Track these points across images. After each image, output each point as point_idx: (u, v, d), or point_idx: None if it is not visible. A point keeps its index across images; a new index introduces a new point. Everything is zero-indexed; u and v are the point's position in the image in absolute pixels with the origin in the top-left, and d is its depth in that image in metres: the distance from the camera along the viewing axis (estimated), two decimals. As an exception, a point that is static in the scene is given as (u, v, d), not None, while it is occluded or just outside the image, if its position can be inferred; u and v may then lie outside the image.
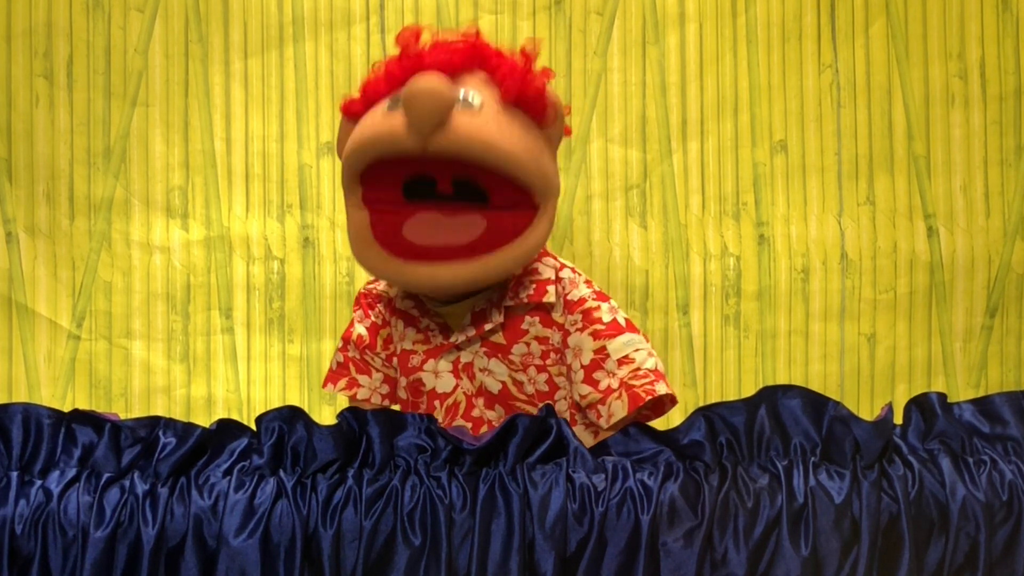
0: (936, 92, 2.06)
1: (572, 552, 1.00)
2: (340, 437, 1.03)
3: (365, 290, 1.51)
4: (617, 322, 1.36)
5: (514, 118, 1.30)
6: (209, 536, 0.99)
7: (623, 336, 1.34)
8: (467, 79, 1.30)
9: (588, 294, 1.38)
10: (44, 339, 2.03)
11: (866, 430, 1.03)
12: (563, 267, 1.42)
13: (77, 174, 2.02)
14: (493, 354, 1.37)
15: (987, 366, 2.08)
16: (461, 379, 1.39)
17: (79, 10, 2.02)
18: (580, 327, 1.35)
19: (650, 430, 1.07)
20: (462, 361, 1.39)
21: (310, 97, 2.05)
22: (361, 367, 1.47)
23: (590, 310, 1.36)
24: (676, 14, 2.05)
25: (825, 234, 2.07)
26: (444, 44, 1.33)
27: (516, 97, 1.30)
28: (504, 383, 1.38)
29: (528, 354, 1.37)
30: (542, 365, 1.37)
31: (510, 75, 1.30)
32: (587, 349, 1.34)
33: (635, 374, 1.31)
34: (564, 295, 1.38)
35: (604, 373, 1.33)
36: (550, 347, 1.37)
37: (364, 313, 1.49)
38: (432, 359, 1.40)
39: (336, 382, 1.47)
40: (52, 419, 1.04)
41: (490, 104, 1.28)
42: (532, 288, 1.37)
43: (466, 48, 1.32)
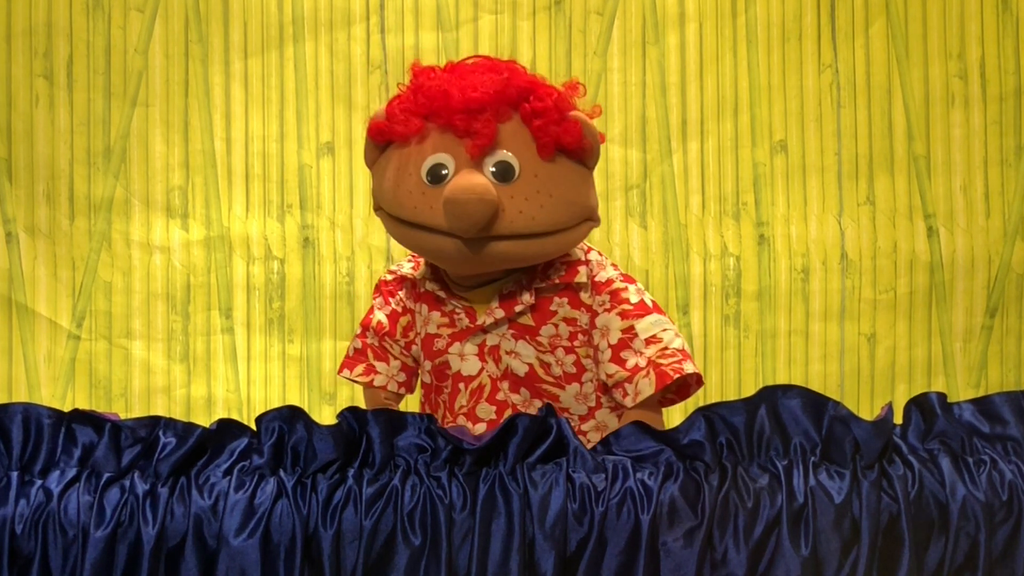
0: (936, 92, 2.07)
1: (572, 552, 1.00)
2: (340, 437, 1.03)
3: (385, 278, 1.52)
4: (644, 303, 1.37)
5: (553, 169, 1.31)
6: (209, 536, 0.99)
7: (651, 316, 1.36)
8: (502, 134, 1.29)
9: (615, 276, 1.40)
10: (44, 339, 2.03)
11: (866, 430, 1.03)
12: (590, 250, 1.43)
13: (77, 174, 2.03)
14: (521, 336, 1.37)
15: (987, 366, 2.08)
16: (487, 362, 1.39)
17: (79, 10, 2.03)
18: (608, 307, 1.37)
19: (650, 430, 1.07)
20: (488, 344, 1.39)
21: (310, 97, 2.05)
22: (379, 354, 1.47)
23: (618, 291, 1.38)
24: (676, 14, 2.05)
25: (825, 234, 2.07)
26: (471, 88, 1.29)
27: (553, 149, 1.30)
28: (531, 365, 1.38)
29: (556, 335, 1.38)
30: (570, 346, 1.38)
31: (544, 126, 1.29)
32: (615, 329, 1.35)
33: (663, 353, 1.32)
34: (592, 276, 1.39)
35: (632, 352, 1.34)
36: (578, 328, 1.38)
37: (384, 300, 1.49)
38: (458, 342, 1.40)
39: (353, 368, 1.47)
40: (52, 419, 1.04)
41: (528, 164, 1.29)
42: (563, 269, 1.38)
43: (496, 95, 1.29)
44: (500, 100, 1.29)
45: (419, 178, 1.30)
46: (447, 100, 1.29)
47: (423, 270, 1.44)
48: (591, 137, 1.33)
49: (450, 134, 1.29)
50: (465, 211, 1.24)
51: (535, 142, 1.30)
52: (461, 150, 1.28)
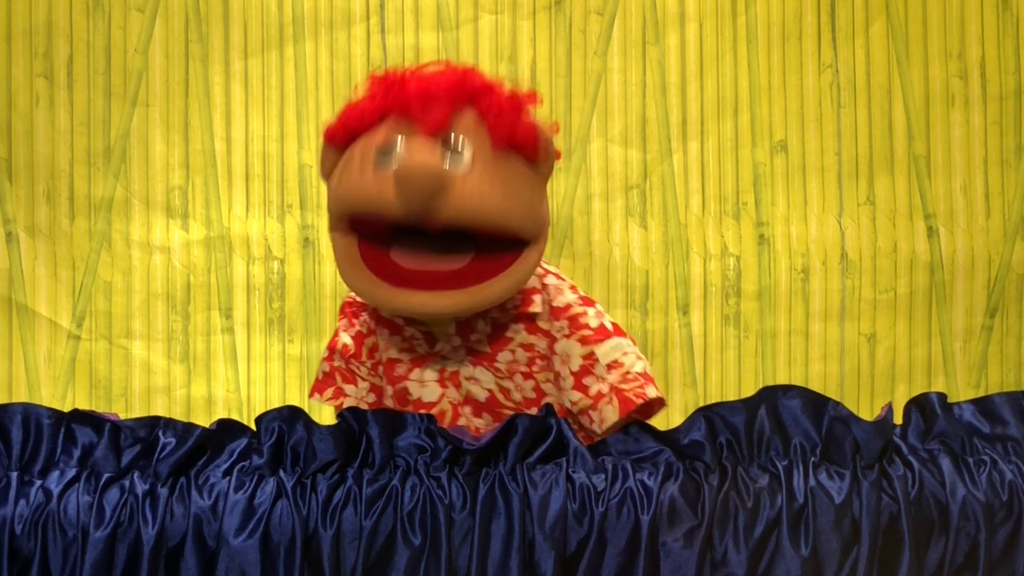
0: (936, 92, 2.06)
1: (572, 552, 1.00)
2: (340, 437, 1.03)
3: (350, 299, 1.51)
4: (604, 327, 1.35)
5: (505, 166, 1.28)
6: (209, 536, 0.99)
7: (611, 340, 1.34)
8: (457, 121, 1.27)
9: (574, 300, 1.37)
10: (44, 339, 2.03)
11: (866, 430, 1.02)
12: (547, 273, 1.41)
13: (77, 174, 2.02)
14: (479, 362, 1.37)
15: (987, 366, 2.08)
16: (447, 388, 1.38)
17: (79, 10, 2.03)
18: (567, 333, 1.35)
19: (650, 430, 1.07)
20: (448, 370, 1.38)
21: (310, 97, 2.05)
22: (347, 376, 1.46)
23: (576, 316, 1.35)
24: (676, 14, 2.05)
25: (825, 234, 2.07)
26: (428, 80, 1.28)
27: (507, 143, 1.28)
28: (491, 391, 1.37)
29: (514, 361, 1.36)
30: (528, 372, 1.37)
31: (499, 120, 1.27)
32: (575, 355, 1.34)
33: (625, 378, 1.30)
34: (549, 302, 1.37)
35: (594, 378, 1.32)
36: (536, 353, 1.37)
37: (349, 322, 1.48)
38: (417, 368, 1.39)
39: (323, 391, 1.47)
40: (52, 419, 1.04)
41: (480, 154, 1.26)
42: (519, 299, 1.36)
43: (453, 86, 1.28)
44: (457, 91, 1.28)
45: (370, 166, 1.26)
46: (403, 91, 1.28)
47: None
48: (545, 141, 1.31)
49: (404, 122, 1.27)
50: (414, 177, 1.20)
51: (489, 135, 1.27)
52: (415, 133, 1.25)
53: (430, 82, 1.28)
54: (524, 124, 1.29)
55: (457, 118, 1.27)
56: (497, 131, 1.28)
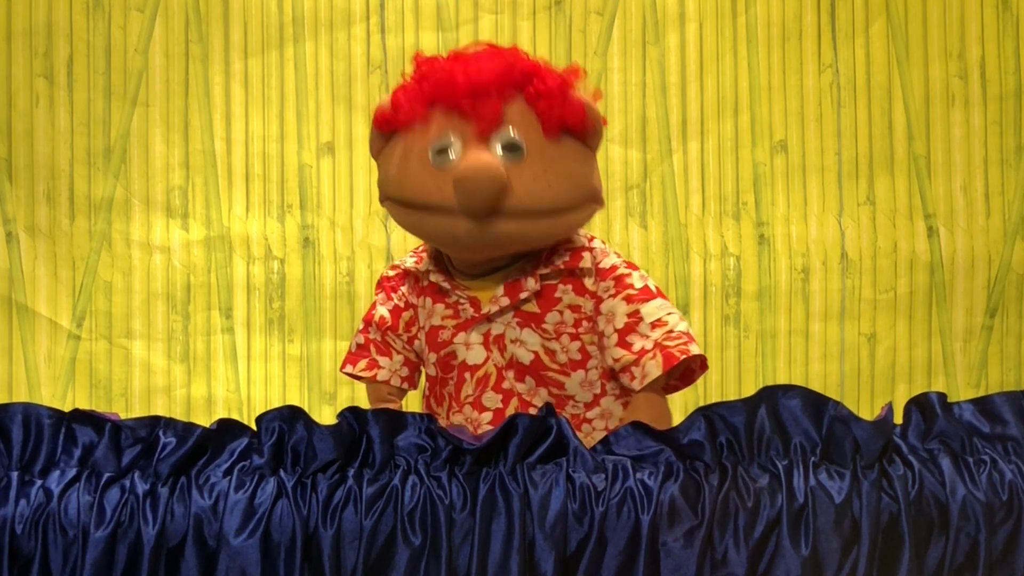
0: (936, 92, 2.07)
1: (572, 552, 1.00)
2: (340, 437, 1.03)
3: (387, 274, 1.52)
4: (648, 288, 1.39)
5: (559, 148, 1.32)
6: (209, 536, 0.99)
7: (655, 300, 1.37)
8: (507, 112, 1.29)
9: (619, 262, 1.41)
10: (44, 339, 2.03)
11: (866, 430, 1.02)
12: (593, 238, 1.44)
13: (77, 174, 2.03)
14: (526, 324, 1.38)
15: (987, 366, 2.08)
16: (492, 351, 1.39)
17: (79, 10, 2.03)
18: (613, 293, 1.37)
19: (650, 430, 1.07)
20: (493, 333, 1.39)
21: (310, 97, 2.05)
22: (382, 349, 1.47)
23: (622, 276, 1.39)
24: (676, 14, 2.05)
25: (825, 234, 2.07)
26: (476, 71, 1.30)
27: (559, 127, 1.31)
28: (536, 353, 1.38)
29: (561, 322, 1.38)
30: (575, 333, 1.38)
31: (549, 106, 1.30)
32: (620, 313, 1.36)
33: (668, 335, 1.33)
34: (596, 263, 1.39)
35: (638, 336, 1.34)
36: (582, 315, 1.39)
37: (387, 295, 1.49)
38: (463, 332, 1.40)
39: (356, 363, 1.47)
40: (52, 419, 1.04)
41: (534, 143, 1.30)
42: (567, 255, 1.38)
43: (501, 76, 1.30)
44: (505, 82, 1.30)
45: (426, 160, 1.29)
46: (452, 83, 1.29)
47: (426, 263, 1.44)
48: (594, 117, 1.35)
49: (456, 116, 1.29)
50: (476, 188, 1.24)
51: (540, 122, 1.30)
52: (468, 130, 1.28)
53: (478, 73, 1.30)
54: (572, 105, 1.32)
55: (507, 109, 1.30)
56: (548, 117, 1.31)
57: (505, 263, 1.38)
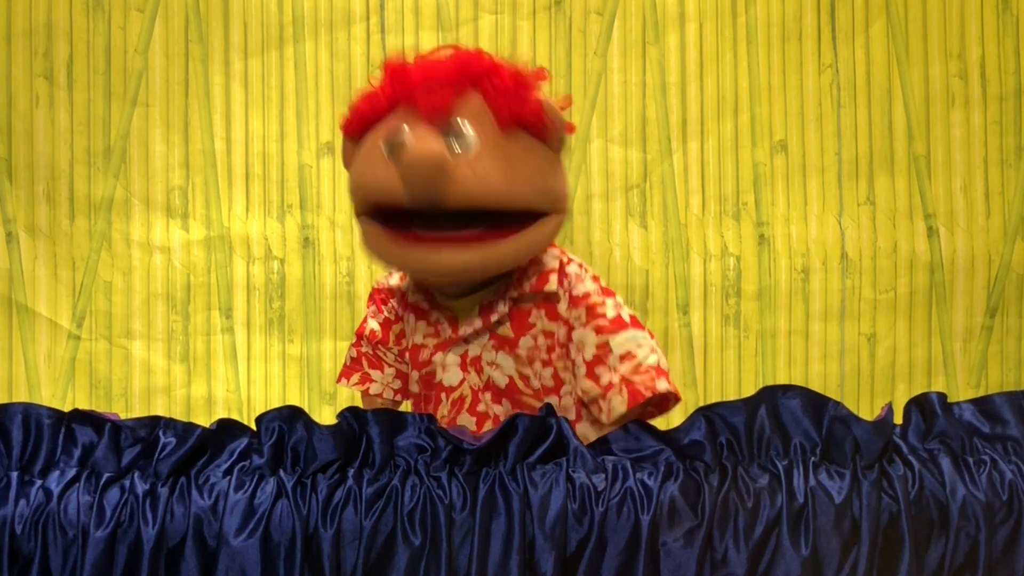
0: (936, 92, 2.07)
1: (572, 552, 1.00)
2: (340, 437, 1.03)
3: (378, 286, 1.52)
4: (621, 318, 1.36)
5: (513, 144, 1.30)
6: (209, 536, 0.99)
7: (626, 332, 1.34)
8: (460, 107, 1.29)
9: (593, 289, 1.39)
10: (44, 339, 2.03)
11: (866, 430, 1.02)
12: (570, 261, 1.42)
13: (77, 174, 2.03)
14: (500, 347, 1.37)
15: (987, 366, 2.08)
16: (468, 373, 1.39)
17: (79, 10, 2.03)
18: (584, 322, 1.36)
19: (650, 429, 1.07)
20: (470, 355, 1.39)
21: (310, 97, 2.05)
22: (374, 362, 1.48)
23: (594, 305, 1.37)
24: (676, 14, 2.05)
25: (825, 234, 2.07)
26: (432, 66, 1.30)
27: (513, 122, 1.30)
28: (511, 377, 1.38)
29: (535, 348, 1.37)
30: (548, 359, 1.38)
31: (503, 99, 1.29)
32: (590, 344, 1.34)
33: (636, 370, 1.31)
34: (569, 290, 1.38)
35: (606, 368, 1.33)
36: (555, 341, 1.38)
37: (377, 308, 1.49)
38: (441, 352, 1.40)
39: (349, 377, 1.48)
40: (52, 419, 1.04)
41: (486, 135, 1.28)
42: (535, 278, 1.38)
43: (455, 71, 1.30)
44: (459, 76, 1.29)
45: (380, 156, 1.28)
46: (408, 80, 1.29)
47: (408, 281, 1.44)
48: (552, 115, 1.33)
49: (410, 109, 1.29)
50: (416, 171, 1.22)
51: (494, 116, 1.29)
52: (419, 120, 1.27)
53: (433, 68, 1.30)
54: (529, 101, 1.31)
55: (461, 102, 1.29)
56: (502, 111, 1.29)
57: (480, 285, 1.37)
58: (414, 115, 1.28)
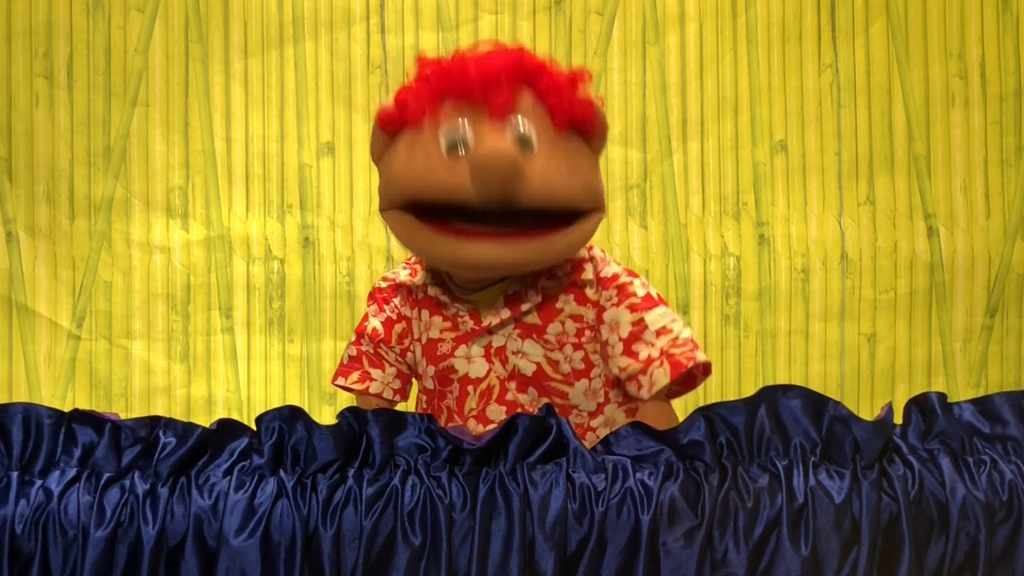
0: (936, 92, 2.07)
1: (572, 552, 1.00)
2: (340, 437, 1.03)
3: (379, 285, 1.51)
4: (651, 296, 1.38)
5: (566, 145, 1.31)
6: (209, 536, 0.99)
7: (659, 308, 1.36)
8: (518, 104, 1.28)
9: (620, 271, 1.40)
10: (44, 339, 2.03)
11: (866, 430, 1.02)
12: (592, 247, 1.43)
13: (77, 174, 2.03)
14: (527, 335, 1.37)
15: (987, 366, 2.08)
16: (494, 363, 1.39)
17: (79, 10, 2.03)
18: (616, 302, 1.37)
19: (650, 430, 1.07)
20: (494, 345, 1.38)
21: (310, 97, 2.05)
22: (374, 361, 1.47)
23: (624, 285, 1.38)
24: (676, 14, 2.05)
25: (825, 234, 2.07)
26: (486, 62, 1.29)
27: (568, 122, 1.30)
28: (539, 364, 1.38)
29: (563, 332, 1.38)
30: (578, 343, 1.38)
31: (559, 100, 1.29)
32: (625, 322, 1.35)
33: (674, 343, 1.33)
34: (597, 273, 1.39)
35: (643, 344, 1.34)
36: (585, 324, 1.38)
37: (379, 307, 1.48)
38: (463, 345, 1.39)
39: (348, 375, 1.47)
40: (52, 419, 1.04)
41: (543, 135, 1.28)
42: (569, 266, 1.38)
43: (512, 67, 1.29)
44: (516, 72, 1.29)
45: (437, 153, 1.26)
46: (464, 74, 1.27)
47: (422, 275, 1.43)
48: (601, 118, 1.35)
49: (467, 106, 1.27)
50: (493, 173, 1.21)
51: (550, 116, 1.29)
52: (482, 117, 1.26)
53: (490, 64, 1.29)
54: (581, 101, 1.32)
55: (518, 100, 1.28)
56: (557, 110, 1.29)
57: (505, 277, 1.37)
58: (473, 112, 1.27)
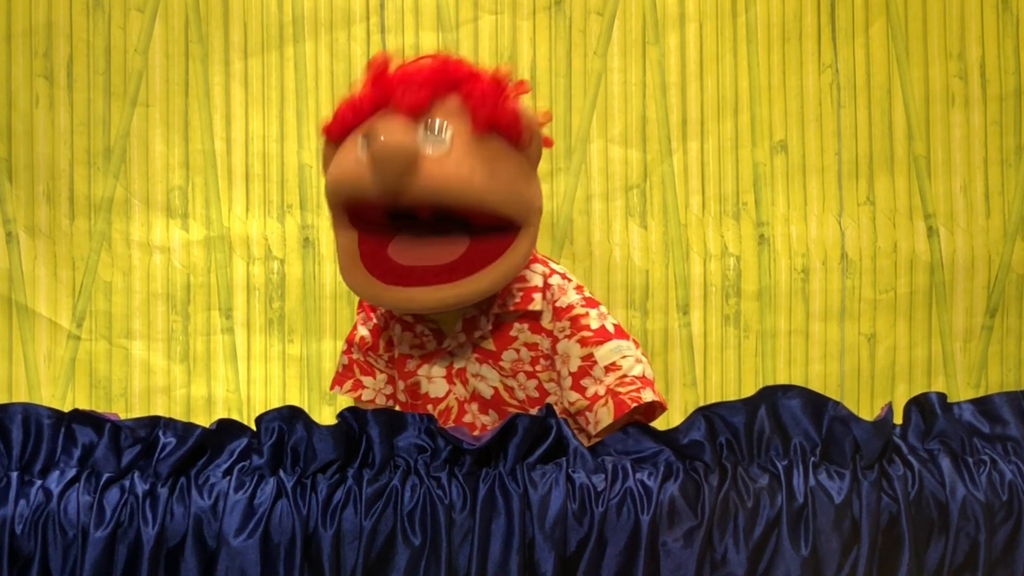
0: (936, 92, 2.06)
1: (572, 552, 1.00)
2: (340, 437, 1.03)
3: None
4: (605, 328, 1.36)
5: (487, 148, 1.30)
6: (209, 536, 0.99)
7: (611, 343, 1.34)
8: (438, 108, 1.30)
9: (577, 300, 1.38)
10: (44, 339, 2.03)
11: (866, 430, 1.02)
12: (552, 273, 1.41)
13: (77, 174, 2.02)
14: (484, 360, 1.38)
15: (987, 366, 2.08)
16: (454, 384, 1.39)
17: (79, 10, 2.03)
18: (568, 334, 1.35)
19: (650, 430, 1.07)
20: (455, 367, 1.39)
21: (310, 97, 2.05)
22: (365, 369, 1.48)
23: (578, 317, 1.36)
24: (676, 14, 2.05)
25: (825, 234, 2.07)
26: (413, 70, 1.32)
27: (488, 125, 1.30)
28: (496, 388, 1.38)
29: (518, 360, 1.37)
30: (532, 371, 1.38)
31: (481, 102, 1.30)
32: (575, 356, 1.34)
33: (622, 381, 1.31)
34: (553, 302, 1.38)
35: (591, 380, 1.33)
36: (540, 353, 1.37)
37: (367, 315, 1.50)
38: (426, 364, 1.40)
39: (342, 384, 1.49)
40: (52, 419, 1.04)
41: (461, 136, 1.28)
42: (519, 296, 1.37)
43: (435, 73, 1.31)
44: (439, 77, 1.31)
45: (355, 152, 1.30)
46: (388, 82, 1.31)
47: None
48: (528, 124, 1.34)
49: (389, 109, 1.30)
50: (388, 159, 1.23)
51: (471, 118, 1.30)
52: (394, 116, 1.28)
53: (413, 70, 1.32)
54: (506, 108, 1.32)
55: (439, 103, 1.30)
56: (478, 114, 1.30)
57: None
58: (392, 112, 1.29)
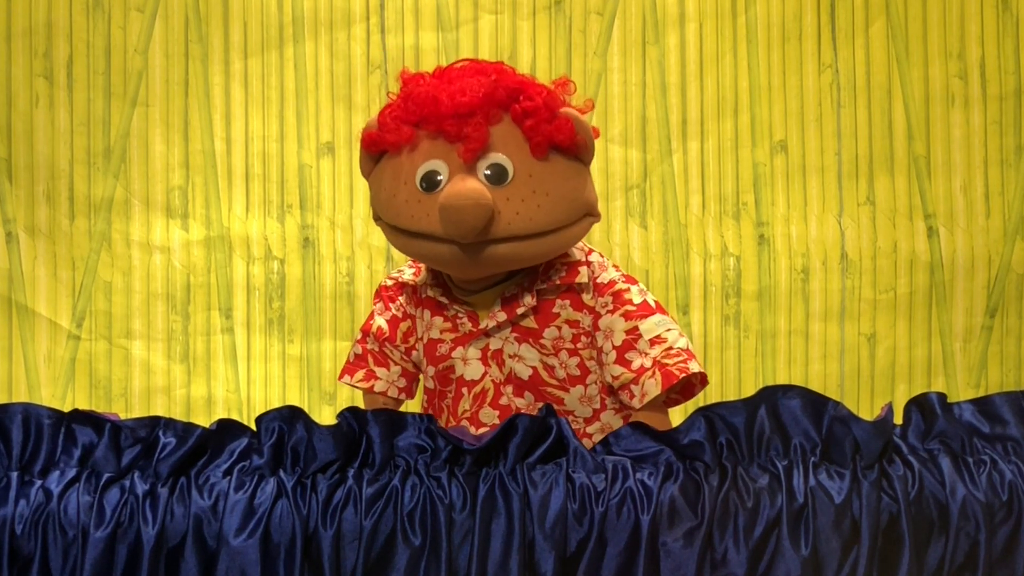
0: (936, 92, 2.07)
1: (572, 552, 1.00)
2: (340, 437, 1.03)
3: (385, 284, 1.52)
4: (647, 303, 1.37)
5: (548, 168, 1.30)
6: (209, 536, 0.99)
7: (654, 317, 1.36)
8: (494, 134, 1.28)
9: (617, 277, 1.40)
10: (44, 339, 2.03)
11: (866, 430, 1.02)
12: (591, 251, 1.43)
13: (77, 174, 2.03)
14: (524, 339, 1.37)
15: (987, 366, 2.08)
16: (490, 366, 1.39)
17: (79, 10, 2.03)
18: (611, 309, 1.37)
19: (650, 430, 1.07)
20: (491, 348, 1.39)
21: (310, 97, 2.05)
22: (380, 359, 1.47)
23: (620, 292, 1.38)
24: (676, 14, 2.05)
25: (825, 234, 2.07)
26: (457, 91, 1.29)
27: (546, 147, 1.30)
28: (535, 368, 1.38)
29: (559, 338, 1.38)
30: (573, 349, 1.38)
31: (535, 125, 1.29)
32: (619, 330, 1.35)
33: (667, 353, 1.33)
34: (594, 278, 1.39)
35: (636, 353, 1.34)
36: (581, 330, 1.38)
37: (384, 305, 1.49)
38: (461, 346, 1.40)
39: (353, 374, 1.48)
40: (52, 419, 1.04)
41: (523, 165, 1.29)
42: (564, 270, 1.38)
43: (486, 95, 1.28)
44: (489, 102, 1.29)
45: (414, 187, 1.29)
46: (436, 106, 1.28)
47: (424, 276, 1.44)
48: (583, 133, 1.33)
49: (442, 140, 1.28)
50: (460, 217, 1.23)
51: (528, 142, 1.29)
52: (454, 155, 1.27)
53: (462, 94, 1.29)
54: (559, 123, 1.30)
55: (493, 131, 1.29)
56: (535, 137, 1.29)
57: (502, 278, 1.37)
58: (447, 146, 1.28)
